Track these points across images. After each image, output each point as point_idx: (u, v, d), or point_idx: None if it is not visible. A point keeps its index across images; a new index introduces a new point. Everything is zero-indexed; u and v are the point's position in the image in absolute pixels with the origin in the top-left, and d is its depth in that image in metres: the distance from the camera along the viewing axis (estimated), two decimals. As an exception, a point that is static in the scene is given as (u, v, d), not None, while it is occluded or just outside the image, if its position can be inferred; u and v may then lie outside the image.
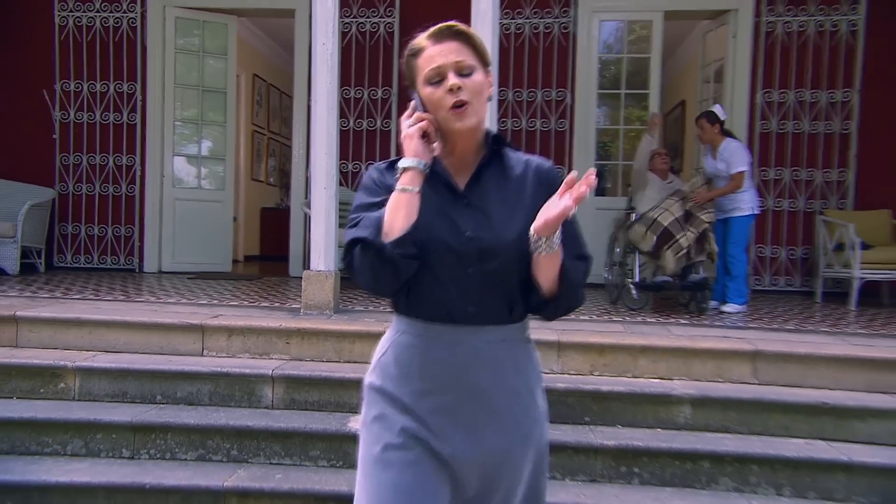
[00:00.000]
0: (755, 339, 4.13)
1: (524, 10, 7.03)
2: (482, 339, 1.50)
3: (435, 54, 1.47)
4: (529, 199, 1.52)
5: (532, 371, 1.58)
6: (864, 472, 3.23)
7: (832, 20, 6.69)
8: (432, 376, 1.50)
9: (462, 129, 1.49)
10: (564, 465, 3.36)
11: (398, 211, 1.42)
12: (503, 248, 1.47)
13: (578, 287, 1.53)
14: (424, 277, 1.48)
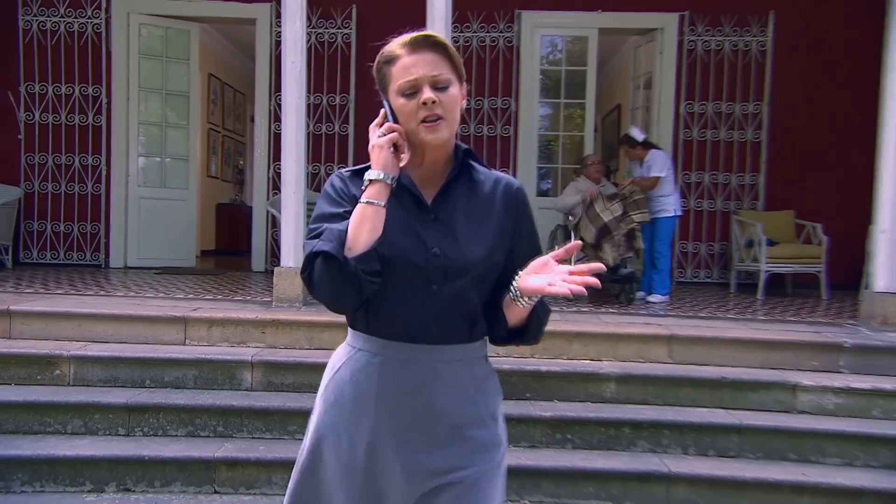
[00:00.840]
0: (671, 325, 4.76)
1: (472, 24, 7.55)
2: (441, 359, 1.45)
3: (410, 65, 1.40)
4: (497, 217, 1.48)
5: (491, 390, 1.53)
6: (753, 433, 3.87)
7: (744, 41, 7.43)
8: (389, 397, 1.44)
9: (433, 143, 1.43)
10: (510, 435, 3.88)
11: (363, 225, 1.37)
12: (469, 266, 1.42)
13: (544, 324, 1.51)
14: (386, 294, 1.42)
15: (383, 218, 1.38)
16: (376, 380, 1.45)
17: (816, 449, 3.83)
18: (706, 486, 3.60)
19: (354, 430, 1.46)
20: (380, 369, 1.45)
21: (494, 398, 1.54)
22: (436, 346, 1.44)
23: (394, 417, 1.44)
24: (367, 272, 1.35)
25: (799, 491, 3.56)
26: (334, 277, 1.35)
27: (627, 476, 3.63)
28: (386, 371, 1.45)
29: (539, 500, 3.58)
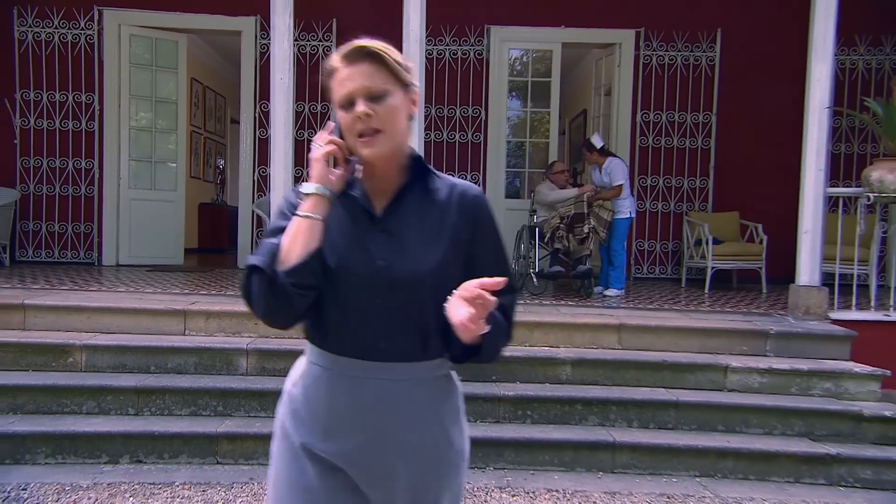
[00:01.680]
0: (622, 316, 5.31)
1: (445, 37, 8.04)
2: (392, 378, 1.39)
3: (346, 78, 1.37)
4: (450, 227, 1.42)
5: (449, 411, 1.47)
6: (688, 408, 4.42)
7: (694, 55, 8.02)
8: (338, 415, 1.40)
9: (370, 157, 1.39)
10: (476, 412, 4.41)
11: (296, 238, 1.33)
12: (417, 278, 1.37)
13: (500, 342, 1.41)
14: (333, 308, 1.38)
15: (319, 231, 1.35)
16: (327, 397, 1.41)
17: (741, 421, 4.40)
18: (646, 452, 4.15)
19: (307, 447, 1.42)
20: (330, 385, 1.41)
21: (452, 417, 1.47)
22: (386, 363, 1.39)
23: (346, 437, 1.39)
24: (298, 286, 1.32)
25: (723, 455, 4.12)
26: (265, 292, 1.32)
27: (578, 445, 4.17)
28: (337, 388, 1.40)
29: (502, 466, 4.09)
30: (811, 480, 4.08)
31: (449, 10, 7.74)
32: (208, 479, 3.77)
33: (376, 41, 1.39)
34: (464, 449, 1.51)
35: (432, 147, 7.97)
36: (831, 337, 5.00)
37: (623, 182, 6.59)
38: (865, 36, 7.87)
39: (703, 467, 4.12)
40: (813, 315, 5.36)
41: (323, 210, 1.36)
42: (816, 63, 5.31)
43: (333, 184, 1.38)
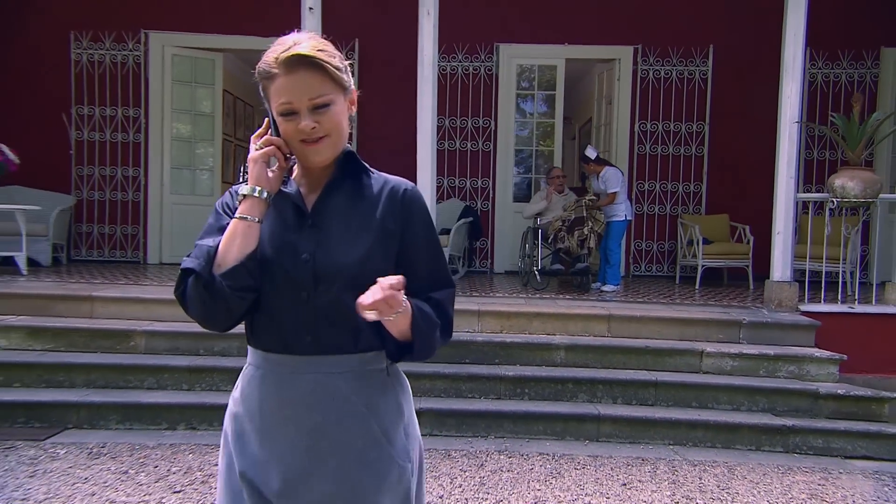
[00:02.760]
0: (612, 308, 5.90)
1: (458, 54, 8.66)
2: (324, 371, 1.37)
3: (287, 88, 1.32)
4: (378, 220, 1.41)
5: (388, 407, 1.42)
6: (666, 387, 5.01)
7: (689, 70, 8.57)
8: (271, 412, 1.38)
9: (317, 163, 1.39)
10: (480, 389, 5.03)
11: (233, 241, 1.32)
12: (340, 271, 1.35)
13: (432, 337, 1.39)
14: (263, 304, 1.37)
15: (256, 233, 1.34)
16: (258, 395, 1.39)
17: (713, 398, 4.97)
18: (626, 424, 4.74)
19: (242, 449, 1.40)
20: (261, 383, 1.39)
21: (391, 415, 1.43)
22: (315, 356, 1.37)
23: (277, 435, 1.37)
24: (235, 288, 1.30)
25: (694, 427, 4.70)
26: (201, 295, 1.30)
27: (568, 417, 4.77)
28: (267, 385, 1.39)
29: (502, 435, 4.69)
30: (770, 448, 4.64)
31: (461, 30, 8.37)
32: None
33: (313, 40, 1.35)
34: (406, 448, 1.44)
35: (445, 155, 8.60)
36: (798, 326, 5.55)
37: (617, 189, 7.15)
38: (848, 51, 8.36)
39: (676, 437, 4.70)
40: (785, 307, 5.91)
41: (260, 212, 1.35)
42: (787, 83, 5.86)
43: (270, 184, 1.36)
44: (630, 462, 4.29)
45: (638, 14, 8.42)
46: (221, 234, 1.35)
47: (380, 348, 1.41)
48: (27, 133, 7.99)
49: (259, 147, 1.37)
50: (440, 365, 5.15)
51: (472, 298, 6.19)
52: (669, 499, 3.68)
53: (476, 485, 3.80)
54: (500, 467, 4.10)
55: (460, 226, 7.89)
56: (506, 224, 8.77)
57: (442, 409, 4.77)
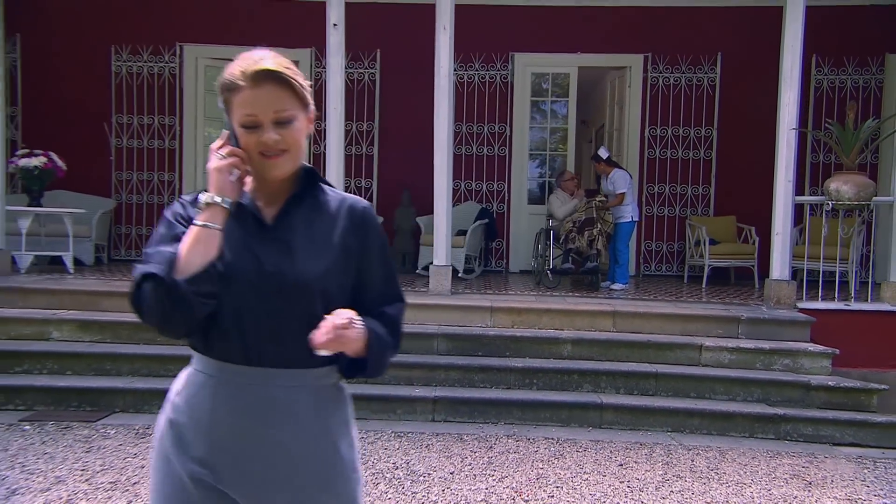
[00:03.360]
0: (617, 304, 6.20)
1: (474, 63, 9.00)
2: (279, 384, 1.38)
3: (252, 100, 1.35)
4: (339, 236, 1.44)
5: (337, 421, 1.46)
6: (666, 378, 5.30)
7: (697, 76, 8.82)
8: (222, 424, 1.38)
9: (276, 177, 1.41)
10: (491, 379, 5.36)
11: (196, 247, 1.32)
12: (305, 284, 1.37)
13: (384, 356, 1.43)
14: (223, 313, 1.36)
15: (218, 241, 1.34)
16: (210, 404, 1.38)
17: (710, 389, 5.26)
18: (627, 412, 5.05)
19: (187, 457, 1.39)
20: (214, 393, 1.39)
21: (341, 428, 1.46)
22: (272, 368, 1.37)
23: (229, 446, 1.38)
24: (199, 293, 1.31)
25: (691, 415, 5.00)
26: (162, 300, 1.29)
27: (573, 405, 5.09)
28: (221, 395, 1.38)
29: (511, 422, 5.02)
30: (762, 435, 4.93)
31: (478, 41, 8.72)
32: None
33: (278, 57, 1.38)
34: (353, 460, 1.48)
35: (463, 159, 8.94)
36: (794, 322, 5.82)
37: (625, 191, 7.45)
38: (853, 57, 8.56)
39: (674, 424, 5.00)
40: (783, 304, 6.17)
41: (222, 220, 1.35)
42: (785, 91, 6.12)
43: (235, 193, 1.38)
44: (629, 446, 4.60)
45: (648, 24, 8.69)
46: (177, 242, 1.34)
47: (332, 363, 1.43)
48: (73, 141, 8.47)
49: (222, 157, 1.38)
50: (454, 357, 5.51)
51: (486, 296, 6.53)
52: (661, 477, 3.99)
53: (484, 464, 4.15)
54: (507, 449, 4.44)
55: (476, 227, 8.23)
56: (521, 225, 9.10)
57: (455, 398, 5.12)
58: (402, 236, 8.74)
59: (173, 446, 1.41)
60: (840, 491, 3.85)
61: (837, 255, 6.55)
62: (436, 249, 6.59)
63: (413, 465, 4.08)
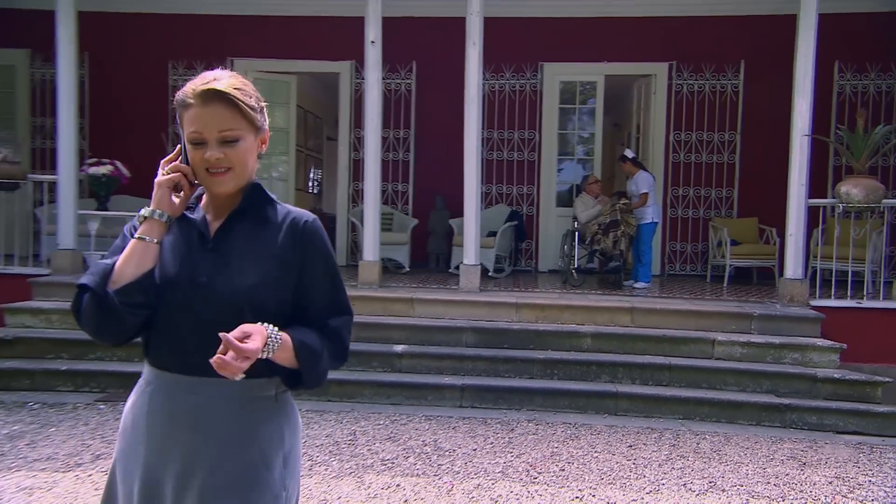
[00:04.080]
0: (636, 301, 6.53)
1: (505, 73, 9.39)
2: (210, 393, 1.39)
3: (198, 118, 1.39)
4: (278, 249, 1.45)
5: (271, 434, 1.44)
6: (679, 370, 5.62)
7: (721, 83, 9.06)
8: (159, 429, 1.40)
9: (218, 194, 1.44)
10: (515, 370, 5.75)
11: (130, 259, 1.37)
12: (234, 295, 1.38)
13: (318, 367, 1.43)
14: (158, 323, 1.40)
15: (154, 253, 1.39)
16: (146, 410, 1.42)
17: (720, 380, 5.56)
18: (641, 400, 5.39)
19: (132, 460, 1.43)
20: (150, 399, 1.42)
21: (273, 441, 1.44)
22: (204, 378, 1.36)
23: (164, 452, 1.40)
24: (127, 304, 1.34)
25: (701, 403, 5.32)
26: (95, 311, 1.34)
27: (590, 394, 5.46)
28: (156, 401, 1.41)
29: (533, 408, 5.40)
30: (769, 423, 5.22)
31: (508, 51, 9.11)
32: (323, 409, 5.24)
33: (233, 79, 1.44)
34: (286, 479, 1.46)
35: (494, 165, 9.35)
36: (804, 318, 6.07)
37: (647, 192, 7.76)
38: (876, 63, 8.70)
39: (685, 412, 5.32)
40: (797, 302, 6.41)
41: (158, 233, 1.39)
42: (798, 99, 6.38)
43: (173, 208, 1.42)
44: (640, 431, 4.94)
45: (673, 34, 8.96)
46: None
47: (268, 376, 1.43)
48: (134, 150, 9.10)
49: (166, 172, 1.43)
50: (481, 349, 5.92)
51: (512, 293, 6.91)
52: (665, 457, 4.34)
53: (504, 443, 4.55)
54: (527, 431, 4.83)
55: (505, 229, 8.62)
56: (549, 227, 9.46)
57: (481, 386, 5.53)
58: (436, 238, 9.17)
59: (122, 449, 1.48)
60: (831, 471, 4.14)
61: (850, 255, 6.76)
62: (465, 249, 7.01)
63: (440, 443, 4.50)
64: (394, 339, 6.04)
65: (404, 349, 5.86)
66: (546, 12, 9.05)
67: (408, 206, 9.57)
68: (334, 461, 4.09)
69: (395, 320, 6.23)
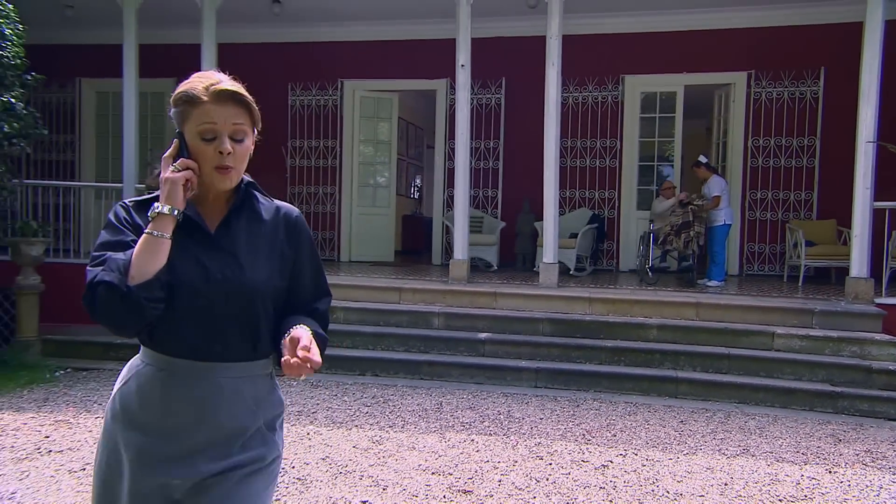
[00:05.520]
0: (701, 297, 6.95)
1: (588, 86, 9.93)
2: (225, 375, 1.49)
3: (213, 112, 1.45)
4: (278, 243, 1.56)
5: (272, 404, 1.58)
6: (738, 359, 6.03)
7: (800, 90, 9.21)
8: (173, 411, 1.48)
9: (223, 189, 1.51)
10: (586, 356, 6.34)
11: (147, 255, 1.39)
12: (252, 289, 1.48)
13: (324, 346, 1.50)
14: (173, 316, 1.45)
15: (168, 249, 1.42)
16: (161, 394, 1.49)
17: (777, 369, 5.93)
18: (699, 385, 5.86)
19: (136, 441, 1.49)
20: (164, 384, 1.49)
21: (274, 411, 1.59)
22: (220, 363, 1.49)
23: (174, 427, 1.48)
24: (149, 299, 1.39)
25: (756, 390, 5.73)
26: (116, 305, 1.38)
27: (653, 378, 5.98)
28: (170, 386, 1.48)
29: (599, 390, 5.96)
30: (821, 409, 5.55)
31: (591, 65, 9.67)
32: (416, 386, 6.06)
33: (237, 83, 1.51)
34: (283, 438, 1.63)
35: (577, 171, 9.92)
36: (865, 315, 6.31)
37: (718, 195, 8.11)
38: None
39: (741, 397, 5.74)
40: (861, 300, 6.64)
41: (171, 229, 1.43)
42: (863, 107, 6.61)
43: (182, 205, 1.45)
44: (695, 411, 5.44)
45: (751, 43, 9.21)
46: (125, 248, 1.43)
47: (271, 354, 1.56)
48: (259, 162, 10.29)
49: (177, 169, 1.45)
50: (556, 338, 6.55)
51: (587, 289, 7.49)
52: (712, 431, 4.83)
53: (569, 415, 5.19)
54: (590, 408, 5.44)
55: (586, 230, 9.17)
56: (630, 229, 9.91)
57: (554, 369, 6.17)
58: (523, 239, 9.83)
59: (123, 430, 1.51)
60: (863, 446, 4.52)
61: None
62: (544, 249, 7.66)
63: (513, 413, 5.20)
64: (478, 327, 6.77)
65: (487, 336, 6.58)
66: (627, 28, 9.53)
67: (497, 210, 10.29)
68: (422, 422, 4.88)
69: (480, 311, 6.96)
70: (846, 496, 3.60)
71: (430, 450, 4.26)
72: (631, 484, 3.75)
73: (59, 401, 5.33)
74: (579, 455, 4.21)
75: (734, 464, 4.10)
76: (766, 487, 3.71)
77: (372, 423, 4.81)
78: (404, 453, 4.18)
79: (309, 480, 3.71)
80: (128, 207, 1.51)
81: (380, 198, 11.00)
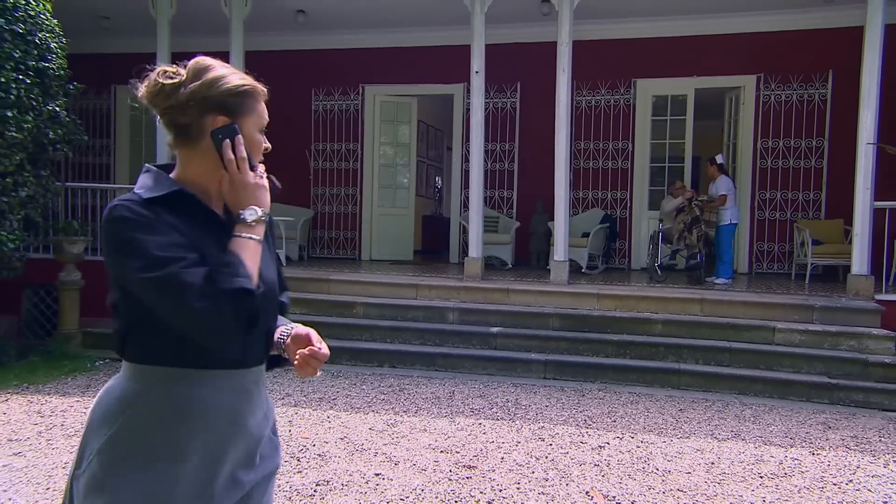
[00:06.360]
0: (706, 293, 7.17)
1: (601, 90, 10.19)
2: (251, 380, 1.45)
3: (265, 111, 1.48)
4: (270, 244, 1.53)
5: (272, 409, 1.57)
6: (739, 352, 6.26)
7: (808, 93, 9.37)
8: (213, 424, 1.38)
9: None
10: (593, 349, 6.62)
11: (254, 260, 1.35)
12: (273, 288, 1.46)
13: None
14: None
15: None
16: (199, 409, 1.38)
17: (777, 362, 6.15)
18: (701, 377, 6.10)
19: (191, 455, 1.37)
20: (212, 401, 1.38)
21: (273, 415, 1.58)
22: (249, 368, 1.44)
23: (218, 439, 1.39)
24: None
25: (755, 381, 5.95)
26: (242, 313, 1.29)
27: (656, 370, 6.23)
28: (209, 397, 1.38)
29: (605, 382, 6.23)
30: (817, 400, 5.77)
31: (603, 70, 9.92)
32: (431, 376, 6.38)
33: None
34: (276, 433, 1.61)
35: (590, 173, 10.17)
36: (864, 310, 6.50)
37: (725, 194, 8.32)
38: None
39: (740, 388, 5.97)
40: (861, 296, 6.82)
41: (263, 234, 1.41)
42: (864, 111, 6.80)
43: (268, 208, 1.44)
44: (695, 401, 5.68)
45: (760, 48, 9.39)
46: (190, 250, 1.31)
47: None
48: (283, 164, 10.72)
49: (262, 175, 1.43)
50: (564, 332, 6.82)
51: (596, 286, 7.74)
52: (708, 419, 5.09)
53: (574, 403, 5.47)
54: (595, 397, 5.72)
55: (598, 230, 9.43)
56: (641, 229, 10.13)
57: (562, 361, 6.44)
58: (537, 238, 10.11)
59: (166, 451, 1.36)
60: (850, 432, 4.74)
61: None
62: (555, 248, 7.93)
63: (520, 401, 5.49)
64: (490, 322, 7.06)
65: (499, 330, 6.87)
66: (638, 33, 9.77)
67: (512, 210, 10.58)
68: (434, 408, 5.19)
69: (493, 307, 7.26)
70: (824, 474, 3.85)
71: (440, 432, 4.57)
72: (624, 462, 4.02)
73: (99, 387, 5.70)
74: (579, 437, 4.49)
75: (723, 446, 4.36)
76: (750, 466, 3.96)
77: (387, 409, 5.14)
78: (416, 434, 4.50)
79: (328, 456, 4.04)
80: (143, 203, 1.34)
81: (399, 198, 11.34)
